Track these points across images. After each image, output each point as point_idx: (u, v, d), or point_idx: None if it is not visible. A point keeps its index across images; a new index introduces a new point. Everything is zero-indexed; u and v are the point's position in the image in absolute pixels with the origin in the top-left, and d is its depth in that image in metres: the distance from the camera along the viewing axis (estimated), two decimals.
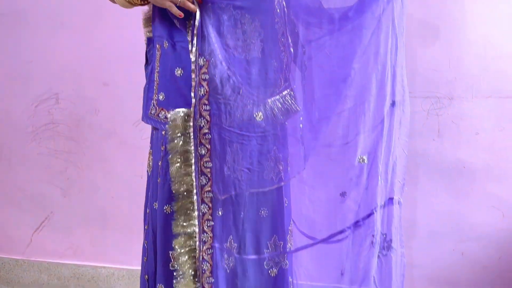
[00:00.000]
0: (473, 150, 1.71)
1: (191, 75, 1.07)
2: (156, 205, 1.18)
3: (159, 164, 1.15)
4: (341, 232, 1.20)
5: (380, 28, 1.12)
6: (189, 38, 1.07)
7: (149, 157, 1.25)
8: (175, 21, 1.07)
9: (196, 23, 1.04)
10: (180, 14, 1.04)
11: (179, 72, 1.10)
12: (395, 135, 1.17)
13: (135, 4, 1.15)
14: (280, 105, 1.13)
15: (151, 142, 1.24)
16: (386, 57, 1.13)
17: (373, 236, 1.20)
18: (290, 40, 1.16)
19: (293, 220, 1.29)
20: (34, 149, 2.08)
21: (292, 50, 1.17)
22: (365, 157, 1.17)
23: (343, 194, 1.24)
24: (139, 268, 2.02)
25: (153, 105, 1.18)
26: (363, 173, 1.17)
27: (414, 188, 1.76)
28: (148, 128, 1.94)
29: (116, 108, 1.96)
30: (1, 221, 2.18)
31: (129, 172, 2.00)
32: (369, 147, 1.16)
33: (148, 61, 1.25)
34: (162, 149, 1.14)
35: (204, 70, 1.06)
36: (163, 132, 1.12)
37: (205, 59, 1.06)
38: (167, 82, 1.13)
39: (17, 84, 2.05)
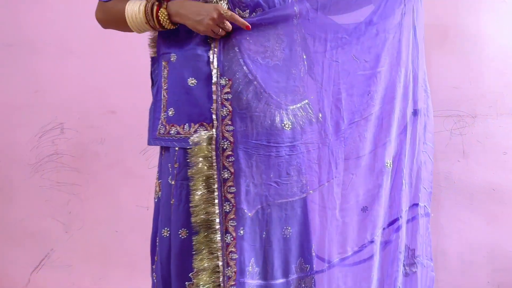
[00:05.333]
0: (502, 170, 1.66)
1: (207, 85, 1.04)
2: (166, 233, 1.10)
3: (171, 183, 1.07)
4: (363, 246, 1.17)
5: (401, 32, 1.16)
6: (211, 52, 1.05)
7: (156, 182, 1.17)
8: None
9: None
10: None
11: (193, 81, 1.06)
12: (420, 139, 1.19)
13: (163, 28, 1.08)
14: (303, 113, 1.12)
15: (159, 166, 1.17)
16: (408, 61, 1.17)
17: (400, 252, 1.19)
18: (303, 52, 1.16)
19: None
20: (36, 182, 2.02)
21: (305, 61, 1.16)
22: (389, 161, 1.17)
23: (364, 209, 1.19)
24: None
25: (161, 124, 1.12)
26: (388, 178, 1.17)
27: (440, 214, 1.70)
28: (155, 157, 1.87)
29: (123, 136, 1.93)
30: None
31: (134, 204, 1.94)
32: (393, 152, 1.17)
33: (153, 82, 1.21)
34: (175, 166, 1.07)
35: (227, 90, 1.04)
36: (176, 149, 1.07)
37: (227, 79, 1.04)
38: (177, 95, 1.09)
39: (21, 115, 2.02)
